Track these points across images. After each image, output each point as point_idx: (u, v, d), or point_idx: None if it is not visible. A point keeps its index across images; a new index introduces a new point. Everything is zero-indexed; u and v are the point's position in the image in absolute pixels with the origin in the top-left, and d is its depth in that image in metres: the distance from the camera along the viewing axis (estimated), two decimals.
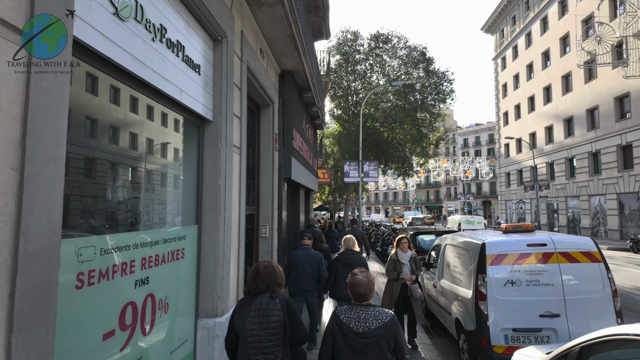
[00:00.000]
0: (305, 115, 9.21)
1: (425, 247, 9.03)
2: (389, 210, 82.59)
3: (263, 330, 2.50)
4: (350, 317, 2.52)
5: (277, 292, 2.60)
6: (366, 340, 2.45)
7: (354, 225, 10.16)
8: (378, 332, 2.46)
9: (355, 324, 2.49)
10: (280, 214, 6.52)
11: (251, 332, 2.49)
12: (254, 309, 2.52)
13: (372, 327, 2.46)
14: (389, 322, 2.50)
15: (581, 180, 26.83)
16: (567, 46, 28.73)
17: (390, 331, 2.48)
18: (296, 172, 7.14)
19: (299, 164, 7.57)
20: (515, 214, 37.22)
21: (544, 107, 31.83)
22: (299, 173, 7.76)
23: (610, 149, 23.75)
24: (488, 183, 66.08)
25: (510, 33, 38.33)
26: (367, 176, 18.15)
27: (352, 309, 2.57)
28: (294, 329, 2.57)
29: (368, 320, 2.49)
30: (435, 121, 23.15)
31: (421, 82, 22.81)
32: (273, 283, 2.60)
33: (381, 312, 2.55)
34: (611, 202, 23.81)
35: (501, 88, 41.05)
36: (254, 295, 2.57)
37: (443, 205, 73.96)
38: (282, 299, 2.60)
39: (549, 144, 31.14)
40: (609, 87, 23.80)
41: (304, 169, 8.70)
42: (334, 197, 34.69)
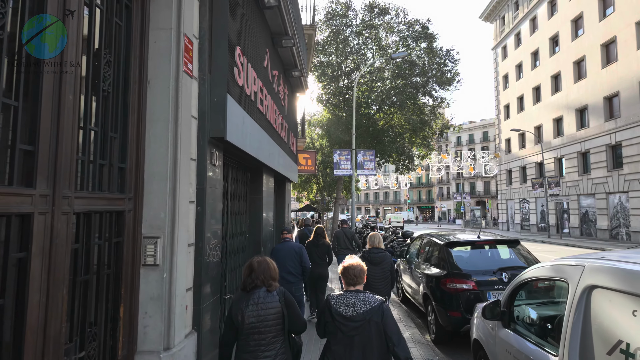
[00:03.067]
0: (271, 50, 5.86)
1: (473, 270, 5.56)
2: (380, 210, 79.79)
3: (262, 323, 2.56)
4: (341, 302, 2.61)
5: (273, 285, 2.67)
6: (354, 324, 2.52)
7: (344, 225, 9.65)
8: (365, 316, 2.53)
9: (344, 309, 2.57)
10: (203, 215, 3.20)
11: (250, 326, 2.54)
12: (252, 303, 2.58)
13: (360, 310, 2.54)
14: (376, 306, 2.56)
15: (597, 176, 24.06)
16: (579, 28, 25.99)
17: (378, 315, 2.54)
18: (246, 134, 3.85)
19: (254, 123, 4.27)
20: (518, 214, 34.48)
21: (551, 97, 29.09)
22: (257, 141, 4.43)
23: (634, 140, 20.97)
24: (482, 182, 63.82)
25: (512, 19, 35.61)
26: (361, 168, 14.90)
27: (343, 295, 2.66)
28: (292, 319, 2.67)
29: (357, 304, 2.57)
30: (439, 107, 20.04)
31: (422, 62, 19.67)
32: (268, 277, 2.67)
33: (370, 297, 2.63)
34: (636, 201, 21.04)
35: (501, 79, 38.34)
36: (250, 291, 2.63)
37: (436, 205, 71.42)
38: (279, 291, 2.67)
39: (558, 137, 28.39)
40: (633, 71, 21.03)
41: (270, 140, 5.39)
42: (323, 195, 31.42)
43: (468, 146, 65.84)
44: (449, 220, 66.34)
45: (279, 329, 2.60)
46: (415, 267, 6.65)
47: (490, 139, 62.78)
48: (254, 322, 2.53)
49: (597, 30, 23.91)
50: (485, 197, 61.38)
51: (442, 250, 5.60)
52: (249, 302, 2.56)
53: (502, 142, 38.11)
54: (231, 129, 3.47)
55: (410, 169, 20.65)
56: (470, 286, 4.98)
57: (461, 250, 5.57)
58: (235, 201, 4.89)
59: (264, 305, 2.57)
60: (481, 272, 5.06)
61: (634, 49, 20.94)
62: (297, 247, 5.56)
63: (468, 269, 5.17)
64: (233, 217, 4.75)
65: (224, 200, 4.17)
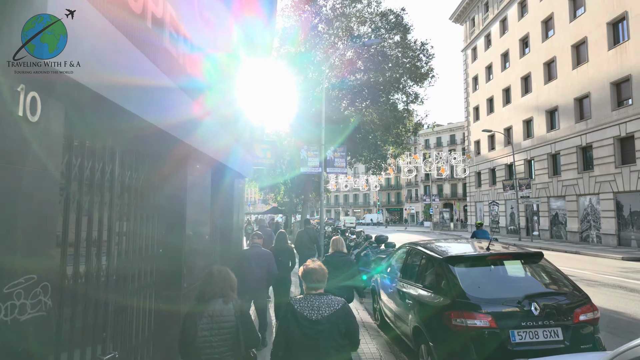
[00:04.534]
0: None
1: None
2: (349, 212, 78.92)
3: (215, 337, 2.49)
4: (304, 305, 2.57)
5: (230, 296, 2.62)
6: (319, 327, 2.50)
7: (307, 226, 9.44)
8: (330, 319, 2.52)
9: (309, 312, 2.54)
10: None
11: (203, 339, 2.46)
12: (207, 315, 2.50)
13: (325, 314, 2.53)
14: (341, 309, 2.57)
15: (568, 178, 23.85)
16: (550, 29, 25.85)
17: (342, 317, 2.56)
18: (119, 73, 2.14)
19: (161, 76, 2.56)
20: (487, 216, 34.23)
21: (522, 99, 28.92)
22: (170, 102, 2.68)
23: (605, 141, 20.77)
24: (449, 185, 64.36)
25: (482, 21, 35.49)
26: (331, 166, 13.32)
27: (306, 298, 2.63)
28: (247, 333, 2.60)
29: (321, 307, 2.55)
30: (413, 103, 18.87)
31: (396, 56, 18.43)
32: (227, 287, 2.62)
33: (333, 299, 2.62)
34: (606, 203, 20.81)
35: (471, 81, 38.22)
36: (207, 300, 2.56)
37: (404, 207, 71.40)
38: (235, 304, 2.61)
39: (528, 139, 28.20)
40: (604, 72, 20.85)
41: (203, 111, 3.63)
42: (291, 197, 29.70)
43: (436, 149, 66.21)
44: (417, 223, 66.39)
45: (232, 343, 2.54)
46: (400, 286, 5.10)
47: (457, 142, 63.48)
48: (207, 335, 2.47)
49: (568, 31, 23.75)
50: (453, 200, 61.90)
51: (440, 268, 4.05)
52: (203, 314, 2.50)
53: (471, 144, 37.92)
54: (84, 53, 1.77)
55: (382, 169, 19.33)
56: (487, 322, 3.46)
57: (468, 269, 4.03)
58: (134, 197, 3.11)
59: (218, 319, 2.51)
60: (500, 301, 3.56)
61: (605, 49, 20.77)
62: (266, 253, 5.54)
63: (480, 297, 3.61)
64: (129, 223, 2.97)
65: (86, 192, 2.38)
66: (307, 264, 2.72)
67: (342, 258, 5.14)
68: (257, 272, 5.28)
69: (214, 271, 2.62)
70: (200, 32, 4.17)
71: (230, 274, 2.68)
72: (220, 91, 4.91)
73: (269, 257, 5.45)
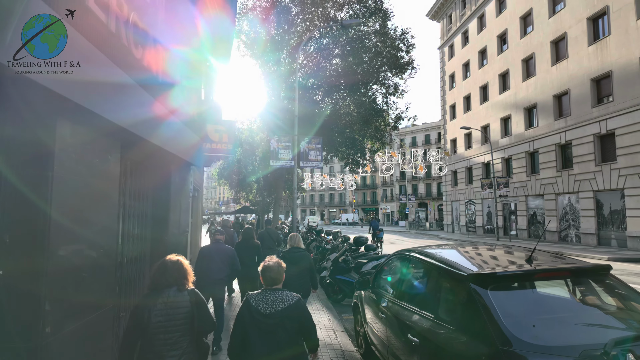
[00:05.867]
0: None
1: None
2: (325, 212, 77.78)
3: (170, 322, 2.51)
4: (259, 300, 2.64)
5: (185, 284, 2.65)
6: (272, 321, 2.56)
7: (268, 226, 9.57)
8: (283, 313, 2.58)
9: (263, 307, 2.60)
10: None
11: (158, 324, 2.48)
12: (161, 302, 2.53)
13: (278, 308, 2.59)
14: (294, 304, 2.63)
15: (546, 176, 23.46)
16: (529, 25, 25.46)
17: (295, 312, 2.61)
18: None
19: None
20: (464, 215, 33.76)
21: (499, 96, 28.50)
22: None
23: (585, 139, 20.38)
24: (424, 184, 64.39)
25: (459, 17, 35.04)
26: (305, 159, 11.87)
27: (262, 293, 2.70)
28: (201, 318, 2.64)
29: (275, 302, 2.62)
30: (393, 95, 17.68)
31: (375, 44, 17.18)
32: (181, 276, 2.65)
33: (288, 294, 2.69)
34: (586, 202, 20.43)
35: (448, 79, 37.77)
36: (160, 290, 2.57)
37: (380, 207, 70.91)
38: (190, 291, 2.65)
39: (506, 137, 27.79)
40: (584, 68, 20.47)
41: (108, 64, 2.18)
42: (263, 196, 28.01)
43: (411, 149, 66.08)
44: (392, 222, 66.03)
45: (186, 328, 2.58)
46: (395, 311, 3.73)
47: (432, 142, 63.56)
48: (161, 320, 2.49)
49: (547, 26, 23.36)
50: (427, 199, 61.91)
51: (464, 292, 2.66)
52: (157, 300, 2.52)
53: (447, 143, 37.47)
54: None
55: (360, 165, 18.05)
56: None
57: (509, 294, 2.67)
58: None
59: (173, 304, 2.54)
60: (572, 351, 2.19)
61: (585, 45, 20.39)
62: (228, 249, 5.58)
63: (539, 344, 2.20)
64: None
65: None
66: (266, 261, 2.83)
67: (298, 253, 5.24)
68: (218, 268, 5.32)
69: (167, 262, 2.67)
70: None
71: (185, 264, 2.71)
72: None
73: (231, 253, 5.50)
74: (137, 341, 2.50)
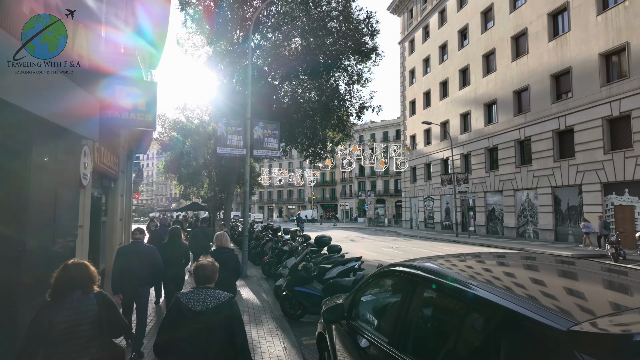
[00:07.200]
0: None
1: None
2: (283, 209, 75.96)
3: (75, 327, 2.41)
4: (190, 298, 2.58)
5: (90, 287, 2.55)
6: (203, 318, 2.51)
7: (203, 224, 9.33)
8: (215, 310, 2.54)
9: (194, 304, 2.54)
10: None
11: (61, 332, 2.37)
12: (63, 308, 2.41)
13: (210, 305, 2.55)
14: (226, 302, 2.60)
15: (505, 172, 23.44)
16: (489, 20, 25.34)
17: (227, 309, 2.58)
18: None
19: None
20: (422, 211, 33.56)
21: (459, 92, 28.34)
22: None
23: (544, 135, 20.40)
24: (382, 181, 64.57)
25: (420, 12, 34.69)
26: (260, 147, 10.19)
27: (193, 291, 2.64)
28: (111, 322, 2.56)
29: (207, 300, 2.57)
30: (357, 83, 16.40)
31: (338, 27, 15.77)
32: (86, 279, 2.55)
33: (220, 293, 2.66)
34: (544, 198, 20.49)
35: (408, 74, 37.42)
36: (64, 295, 2.45)
37: (339, 203, 70.28)
38: (97, 294, 2.55)
39: (465, 133, 27.68)
40: (544, 64, 20.45)
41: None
42: (215, 192, 25.79)
43: (369, 146, 65.93)
44: (350, 219, 65.65)
45: (95, 333, 2.49)
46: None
47: (390, 139, 63.79)
48: (64, 327, 2.38)
49: (508, 22, 23.27)
50: (385, 196, 62.10)
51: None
52: (59, 307, 2.41)
53: (407, 139, 37.17)
54: None
55: (320, 157, 16.62)
56: None
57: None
58: None
59: (78, 310, 2.44)
60: None
61: (545, 41, 20.37)
62: (148, 248, 5.27)
63: None
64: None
65: None
66: (199, 260, 2.80)
67: (226, 254, 5.06)
68: (138, 268, 5.01)
69: (70, 265, 2.57)
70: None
71: (89, 267, 2.62)
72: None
73: (152, 253, 5.20)
74: (37, 351, 2.38)
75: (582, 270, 2.54)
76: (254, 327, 6.08)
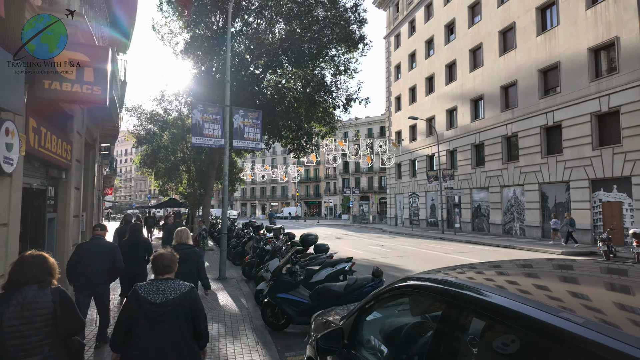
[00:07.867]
0: None
1: None
2: (267, 206, 74.80)
3: (26, 325, 2.27)
4: (149, 290, 2.50)
5: (48, 280, 2.40)
6: (163, 309, 2.44)
7: (177, 220, 8.93)
8: (176, 301, 2.47)
9: (153, 296, 2.47)
10: None
11: (11, 329, 2.22)
12: (15, 303, 2.26)
13: (170, 297, 2.48)
14: (187, 292, 2.53)
15: (492, 169, 23.18)
16: (477, 15, 24.98)
17: (188, 299, 2.51)
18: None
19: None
20: (407, 208, 33.21)
21: (445, 88, 27.96)
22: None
23: (531, 130, 20.16)
24: (366, 178, 64.25)
25: (406, 6, 34.18)
26: (239, 137, 9.32)
27: (152, 283, 2.56)
28: (68, 319, 2.42)
29: (167, 291, 2.50)
30: (344, 74, 15.65)
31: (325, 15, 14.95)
32: (44, 272, 2.40)
33: (181, 284, 2.58)
34: (531, 194, 20.28)
35: (393, 70, 36.92)
36: (17, 288, 2.30)
37: (323, 200, 69.64)
38: (54, 290, 2.41)
39: (451, 129, 27.34)
40: (532, 59, 20.18)
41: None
42: (194, 188, 24.68)
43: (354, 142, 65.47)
44: (335, 216, 65.12)
45: (49, 331, 2.34)
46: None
47: (375, 135, 63.44)
48: (15, 324, 2.24)
49: (495, 16, 22.93)
50: (370, 192, 61.79)
51: None
52: (10, 302, 2.26)
53: (392, 135, 36.72)
54: None
55: (305, 151, 15.82)
56: None
57: None
58: None
59: (31, 306, 2.29)
60: None
61: (534, 35, 20.08)
62: (109, 245, 5.15)
63: None
64: None
65: None
66: (158, 250, 2.73)
67: (185, 250, 4.73)
68: (97, 265, 4.86)
69: (27, 257, 2.43)
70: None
71: (49, 259, 2.47)
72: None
73: (112, 250, 5.05)
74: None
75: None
76: (230, 340, 5.27)
